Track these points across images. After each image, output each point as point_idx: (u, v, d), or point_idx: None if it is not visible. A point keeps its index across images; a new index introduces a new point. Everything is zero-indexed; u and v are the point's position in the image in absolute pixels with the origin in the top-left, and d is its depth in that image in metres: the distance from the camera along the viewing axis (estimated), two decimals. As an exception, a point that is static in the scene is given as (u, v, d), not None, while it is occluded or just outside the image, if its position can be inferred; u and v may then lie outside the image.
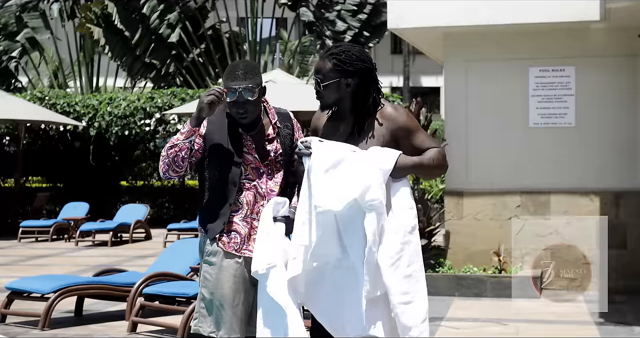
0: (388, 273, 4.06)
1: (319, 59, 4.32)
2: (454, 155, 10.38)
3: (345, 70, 4.20)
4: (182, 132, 4.38)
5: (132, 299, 8.01)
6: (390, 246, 4.08)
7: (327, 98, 4.26)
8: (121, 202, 20.63)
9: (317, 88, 4.26)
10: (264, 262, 4.18)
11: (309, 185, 4.12)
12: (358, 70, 4.21)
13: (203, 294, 4.43)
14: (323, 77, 4.23)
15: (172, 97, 20.10)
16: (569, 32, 10.13)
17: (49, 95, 20.88)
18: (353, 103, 4.26)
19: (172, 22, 24.97)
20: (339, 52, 4.22)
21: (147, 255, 14.04)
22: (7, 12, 26.07)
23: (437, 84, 39.75)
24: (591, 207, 10.07)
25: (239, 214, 4.44)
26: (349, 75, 4.21)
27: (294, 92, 15.94)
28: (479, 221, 10.31)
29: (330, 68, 4.22)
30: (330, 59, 4.22)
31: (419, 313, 4.10)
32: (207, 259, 4.45)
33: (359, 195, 4.02)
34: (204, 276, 4.45)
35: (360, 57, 4.23)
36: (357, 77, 4.22)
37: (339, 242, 4.12)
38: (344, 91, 4.23)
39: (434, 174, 4.42)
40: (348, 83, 4.22)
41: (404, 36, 11.73)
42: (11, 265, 13.23)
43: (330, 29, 26.01)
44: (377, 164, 4.10)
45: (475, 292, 9.61)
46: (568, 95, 10.21)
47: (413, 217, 4.18)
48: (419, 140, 4.26)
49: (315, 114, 4.48)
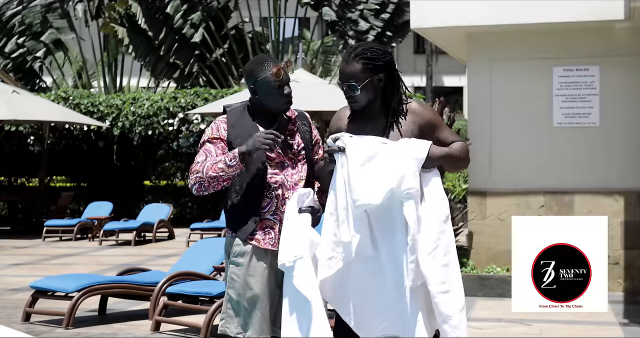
0: (426, 262, 4.08)
1: (343, 64, 4.26)
2: (477, 154, 10.34)
3: (375, 66, 4.21)
4: (228, 165, 4.29)
5: (156, 298, 8.03)
6: (427, 235, 4.11)
7: (362, 100, 4.24)
8: (144, 201, 20.72)
9: (352, 93, 4.22)
10: (290, 254, 4.17)
11: (345, 181, 4.11)
12: (386, 63, 4.24)
13: (230, 295, 4.43)
14: (357, 80, 4.20)
15: (195, 97, 20.15)
16: (593, 32, 10.08)
17: (73, 95, 20.98)
18: (384, 99, 4.27)
19: (196, 22, 25.03)
20: (364, 51, 4.22)
21: (170, 254, 14.09)
22: (31, 12, 26.22)
23: (459, 83, 39.65)
24: (615, 207, 10.01)
25: (269, 210, 4.43)
26: (379, 70, 4.22)
27: (317, 91, 15.94)
28: (502, 221, 10.27)
29: (361, 68, 4.20)
30: (357, 60, 4.20)
31: (457, 302, 4.13)
32: (234, 260, 4.44)
33: (396, 185, 4.05)
34: (230, 277, 4.44)
35: (384, 50, 4.27)
36: (386, 71, 4.24)
37: (371, 236, 4.12)
38: (377, 88, 4.24)
39: (460, 166, 4.51)
40: (380, 78, 4.23)
41: (427, 36, 11.71)
42: (35, 264, 13.31)
43: (353, 29, 25.99)
44: (410, 154, 4.14)
45: (499, 292, 9.57)
46: (592, 94, 10.15)
47: (446, 207, 4.23)
48: (443, 135, 4.34)
49: (335, 116, 4.44)
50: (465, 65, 11.42)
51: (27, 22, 26.15)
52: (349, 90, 4.23)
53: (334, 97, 15.26)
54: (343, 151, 4.13)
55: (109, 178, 20.78)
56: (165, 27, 25.22)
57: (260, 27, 27.65)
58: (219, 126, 4.47)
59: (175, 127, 20.12)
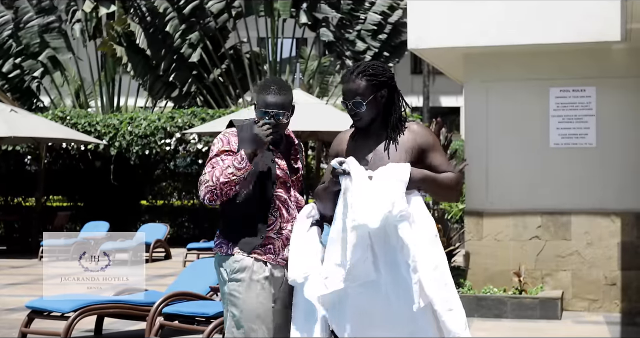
0: (429, 282, 4.08)
1: (347, 83, 4.28)
2: (474, 175, 10.36)
3: (379, 82, 4.25)
4: (237, 168, 4.33)
5: (152, 318, 8.00)
6: (425, 255, 4.12)
7: (367, 116, 4.27)
8: (141, 221, 20.71)
9: (358, 110, 4.25)
10: (301, 271, 4.22)
11: (345, 204, 4.13)
12: (388, 79, 4.28)
13: (233, 312, 4.40)
14: (362, 97, 4.23)
15: (192, 117, 20.17)
16: (590, 53, 10.12)
17: (70, 114, 21.00)
18: (385, 115, 4.30)
19: (193, 41, 25.09)
20: (366, 68, 4.25)
21: (166, 274, 14.05)
22: (28, 33, 26.26)
23: (457, 104, 39.70)
24: (612, 227, 10.02)
25: (273, 228, 4.46)
26: (382, 86, 4.26)
27: (314, 112, 15.95)
28: (499, 241, 10.27)
29: (365, 85, 4.23)
30: (361, 77, 4.24)
31: (462, 319, 4.16)
32: (234, 277, 4.42)
33: (390, 209, 4.06)
34: (231, 294, 4.42)
35: (384, 67, 4.32)
36: (387, 88, 4.28)
37: (373, 260, 4.12)
38: (380, 105, 4.28)
39: (445, 195, 4.49)
40: (382, 95, 4.27)
41: (424, 56, 11.75)
42: (32, 284, 13.28)
43: (350, 49, 26.05)
44: (394, 177, 4.15)
45: (496, 313, 9.56)
46: (589, 115, 10.18)
47: (434, 225, 4.24)
48: (438, 160, 4.33)
49: (336, 140, 4.46)
50: (462, 85, 11.46)
51: (24, 42, 26.20)
52: (354, 107, 4.25)
53: (331, 117, 15.30)
54: (348, 174, 4.14)
55: (105, 198, 20.77)
56: (163, 47, 25.29)
57: (257, 48, 27.71)
58: (229, 139, 4.48)
59: (173, 147, 20.13)
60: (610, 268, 10.02)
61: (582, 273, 10.08)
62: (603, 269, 10.03)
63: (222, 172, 4.33)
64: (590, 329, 9.02)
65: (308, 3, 25.29)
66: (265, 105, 4.42)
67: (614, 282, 10.00)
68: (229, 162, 4.35)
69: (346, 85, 4.28)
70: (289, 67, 27.58)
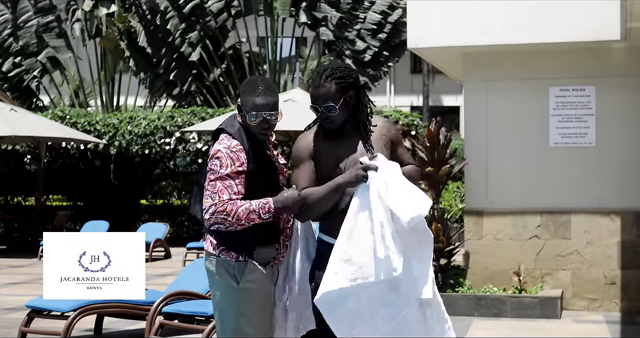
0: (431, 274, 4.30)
1: (316, 88, 4.29)
2: (473, 174, 10.37)
3: (347, 84, 4.29)
4: (262, 218, 4.30)
5: (152, 318, 8.00)
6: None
7: (339, 119, 4.30)
8: (141, 220, 20.69)
9: (330, 113, 4.26)
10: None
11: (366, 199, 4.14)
12: (354, 79, 4.33)
13: (246, 314, 4.39)
14: (333, 100, 4.25)
15: (192, 116, 20.16)
16: (589, 52, 10.12)
17: (70, 114, 20.99)
18: (355, 115, 4.34)
19: (193, 41, 25.10)
20: (333, 72, 4.30)
21: (166, 273, 14.05)
22: (28, 32, 26.26)
23: (456, 103, 39.72)
24: (612, 227, 10.02)
25: (282, 233, 4.49)
26: (350, 88, 4.30)
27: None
28: (498, 241, 10.27)
29: (335, 88, 4.27)
30: (330, 81, 4.27)
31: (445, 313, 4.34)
32: (247, 278, 4.38)
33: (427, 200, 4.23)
34: (245, 295, 4.38)
35: (350, 68, 4.38)
36: (354, 88, 4.32)
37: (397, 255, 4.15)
38: (350, 106, 4.32)
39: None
40: (350, 96, 4.31)
41: (423, 56, 11.75)
42: (31, 283, 13.27)
43: (350, 49, 26.06)
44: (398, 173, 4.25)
45: (495, 312, 9.56)
46: (588, 114, 10.18)
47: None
48: (404, 154, 4.50)
49: (302, 143, 4.38)
50: (462, 85, 11.46)
51: (23, 42, 26.20)
52: (325, 111, 4.27)
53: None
54: (376, 170, 4.16)
55: (105, 198, 20.75)
56: (163, 45, 25.30)
57: (257, 47, 27.71)
58: (238, 156, 4.36)
59: (172, 146, 20.12)
60: (610, 268, 10.02)
61: (581, 273, 10.08)
62: (603, 268, 10.03)
63: (246, 216, 4.27)
64: (590, 328, 9.02)
65: (307, 2, 25.29)
66: (255, 107, 4.38)
67: (613, 281, 10.00)
68: (255, 208, 4.28)
69: (316, 90, 4.29)
70: (289, 66, 27.58)
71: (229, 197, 4.28)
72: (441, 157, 10.24)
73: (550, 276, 10.13)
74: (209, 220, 4.29)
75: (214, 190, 4.29)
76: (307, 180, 4.30)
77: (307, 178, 4.30)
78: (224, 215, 4.26)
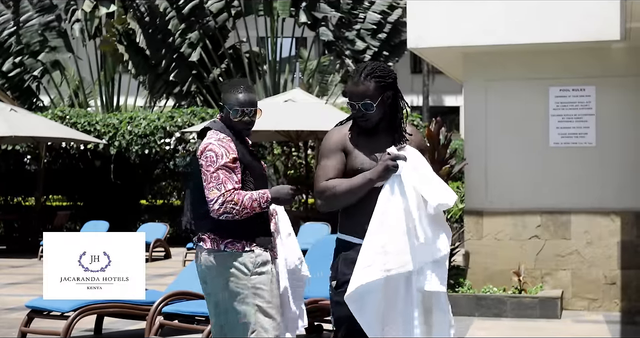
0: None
1: (355, 85, 4.28)
2: (473, 174, 10.37)
3: (386, 84, 4.30)
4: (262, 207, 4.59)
5: (152, 318, 8.00)
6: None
7: (375, 117, 4.30)
8: (141, 220, 20.70)
9: (368, 111, 4.26)
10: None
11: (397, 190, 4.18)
12: (394, 80, 4.34)
13: (258, 305, 4.57)
14: (371, 98, 4.26)
15: (192, 116, 20.18)
16: (589, 52, 10.12)
17: (69, 114, 21.00)
18: (390, 116, 4.35)
19: (193, 41, 25.10)
20: (374, 70, 4.29)
21: (166, 273, 14.05)
22: (28, 31, 26.27)
23: (456, 103, 39.73)
24: (612, 227, 10.02)
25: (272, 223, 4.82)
26: (388, 88, 4.31)
27: (313, 111, 15.96)
28: (498, 241, 10.28)
29: (374, 87, 4.26)
30: (369, 79, 4.27)
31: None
32: (258, 270, 4.61)
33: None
34: (256, 287, 4.59)
35: (389, 68, 4.39)
36: (392, 89, 4.33)
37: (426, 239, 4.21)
38: (386, 106, 4.32)
39: None
40: (388, 96, 4.31)
41: (423, 56, 11.75)
42: (31, 283, 13.27)
43: (350, 48, 26.06)
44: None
45: (495, 312, 9.56)
46: (588, 114, 10.18)
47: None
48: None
49: (335, 136, 4.36)
50: (462, 85, 11.46)
51: (24, 42, 26.20)
52: (363, 109, 4.27)
53: (330, 116, 15.29)
54: (405, 160, 4.20)
55: (105, 198, 20.76)
56: (163, 46, 25.30)
57: (257, 47, 27.70)
58: (230, 146, 4.64)
59: (172, 147, 20.13)
60: (610, 268, 10.02)
61: (581, 273, 10.08)
62: (603, 268, 10.03)
63: (250, 204, 4.53)
64: (590, 328, 9.02)
65: (307, 2, 25.29)
66: (239, 103, 4.69)
67: (613, 281, 10.00)
68: (257, 197, 4.55)
69: (355, 87, 4.29)
70: (289, 66, 27.58)
71: (233, 186, 4.52)
72: (441, 157, 10.24)
73: (550, 276, 10.13)
74: (219, 211, 4.48)
75: (218, 181, 4.51)
76: (335, 171, 4.26)
77: (336, 169, 4.26)
78: (232, 204, 4.48)
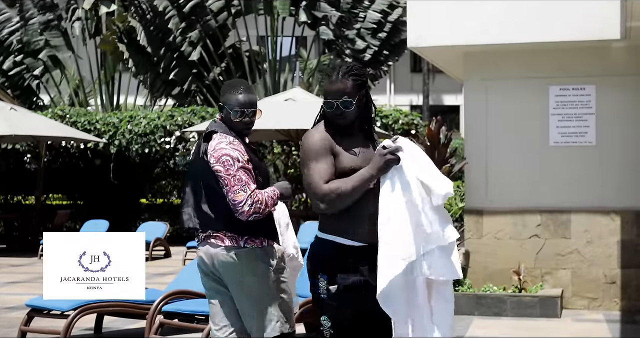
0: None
1: (332, 83, 4.30)
2: (473, 173, 10.37)
3: (362, 82, 4.34)
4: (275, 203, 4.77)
5: (152, 317, 8.00)
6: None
7: (352, 115, 4.32)
8: (141, 219, 20.70)
9: (347, 109, 4.27)
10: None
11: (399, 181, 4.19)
12: (367, 79, 4.43)
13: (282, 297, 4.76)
14: (349, 96, 4.28)
15: (192, 115, 20.18)
16: (589, 51, 10.11)
17: (70, 113, 21.01)
18: (366, 114, 4.41)
19: (193, 40, 25.11)
20: (351, 68, 4.34)
21: (166, 272, 14.05)
22: (29, 30, 26.27)
23: (456, 102, 39.72)
24: (612, 226, 10.02)
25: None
26: (363, 86, 4.36)
27: (313, 110, 15.89)
28: (498, 240, 10.28)
29: (352, 84, 4.30)
30: (347, 77, 4.30)
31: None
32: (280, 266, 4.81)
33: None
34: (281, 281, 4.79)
35: (363, 68, 4.46)
36: (365, 87, 4.39)
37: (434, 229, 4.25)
38: (361, 104, 4.35)
39: None
40: (363, 94, 4.36)
41: (423, 55, 11.75)
42: (31, 282, 13.28)
43: (350, 48, 26.06)
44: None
45: (495, 311, 9.56)
46: (588, 114, 10.18)
47: None
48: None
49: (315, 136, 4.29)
50: (462, 84, 11.45)
51: (24, 40, 26.20)
52: (341, 107, 4.27)
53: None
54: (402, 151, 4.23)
55: (105, 196, 20.76)
56: (163, 45, 25.30)
57: (257, 46, 27.70)
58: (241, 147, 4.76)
59: (172, 145, 20.13)
60: (610, 267, 10.02)
61: (581, 272, 10.08)
62: (603, 267, 10.03)
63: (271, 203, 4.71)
64: (590, 327, 9.02)
65: (307, 1, 25.30)
66: (239, 104, 4.78)
67: (613, 280, 10.00)
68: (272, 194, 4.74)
69: (333, 85, 4.31)
70: (289, 65, 27.58)
71: (255, 186, 4.68)
72: (441, 156, 10.24)
73: (550, 275, 10.13)
74: (249, 212, 4.59)
75: (242, 183, 4.62)
76: (330, 173, 4.22)
77: (330, 171, 4.22)
78: (259, 203, 4.62)
